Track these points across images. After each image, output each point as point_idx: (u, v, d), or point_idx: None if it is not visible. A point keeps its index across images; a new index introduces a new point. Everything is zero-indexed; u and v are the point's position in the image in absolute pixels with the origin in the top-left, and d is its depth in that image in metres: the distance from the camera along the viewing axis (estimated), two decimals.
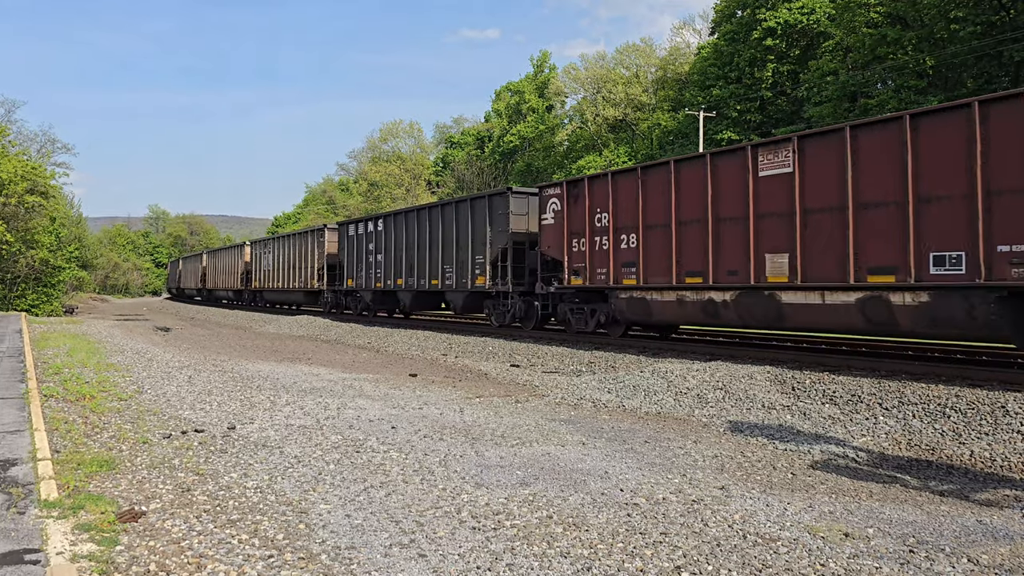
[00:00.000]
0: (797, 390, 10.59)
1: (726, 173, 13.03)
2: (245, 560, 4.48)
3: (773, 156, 12.20)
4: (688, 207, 13.76)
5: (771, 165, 12.20)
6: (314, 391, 11.66)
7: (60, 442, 7.31)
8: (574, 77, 63.89)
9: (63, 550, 4.39)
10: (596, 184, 16.17)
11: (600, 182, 16.08)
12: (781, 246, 12.02)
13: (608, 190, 15.65)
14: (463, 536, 5.00)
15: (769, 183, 12.23)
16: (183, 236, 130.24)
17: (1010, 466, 7.50)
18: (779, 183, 12.05)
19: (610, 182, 15.71)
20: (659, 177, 14.50)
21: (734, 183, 12.83)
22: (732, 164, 12.94)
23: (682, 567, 4.54)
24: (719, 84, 45.52)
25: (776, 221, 12.10)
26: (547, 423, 9.30)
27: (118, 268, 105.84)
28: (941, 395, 9.23)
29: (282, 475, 6.44)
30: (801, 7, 41.90)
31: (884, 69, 34.06)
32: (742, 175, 12.64)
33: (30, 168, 36.98)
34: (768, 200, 12.22)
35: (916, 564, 4.67)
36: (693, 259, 13.65)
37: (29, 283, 38.68)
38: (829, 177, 11.32)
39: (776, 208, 12.07)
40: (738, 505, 5.87)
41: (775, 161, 12.15)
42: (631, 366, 13.85)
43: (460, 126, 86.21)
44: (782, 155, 12.04)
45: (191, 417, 9.05)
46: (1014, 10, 30.41)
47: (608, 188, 15.67)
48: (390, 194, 74.05)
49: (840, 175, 11.14)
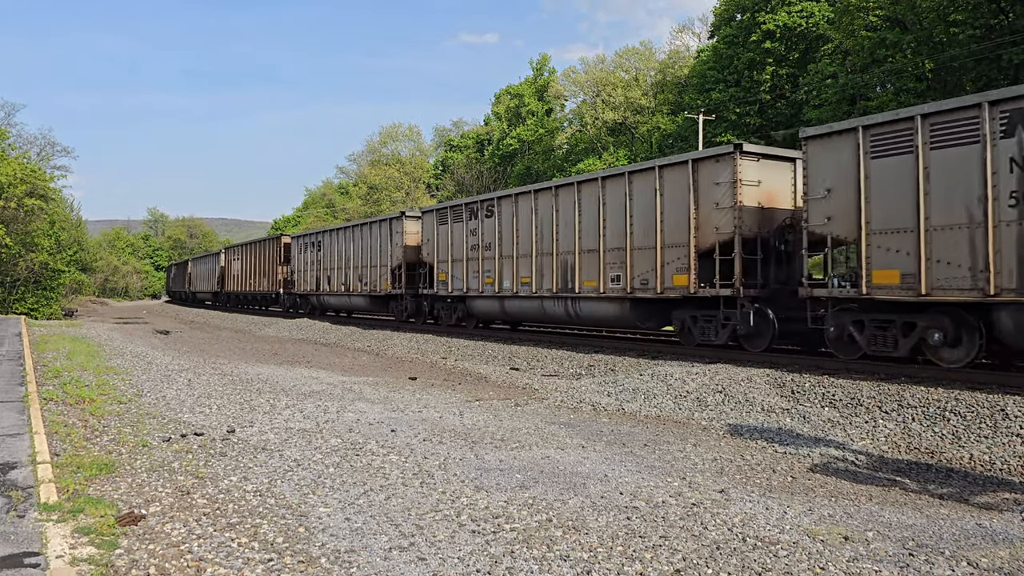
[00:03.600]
0: (796, 393, 10.59)
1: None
2: (245, 563, 4.48)
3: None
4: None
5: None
6: (314, 394, 11.66)
7: (60, 445, 7.31)
8: (574, 80, 63.98)
9: (63, 553, 4.39)
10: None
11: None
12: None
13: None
14: (463, 539, 5.00)
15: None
16: (182, 239, 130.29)
17: (1009, 469, 7.50)
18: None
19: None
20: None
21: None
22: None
23: (682, 570, 4.54)
24: (718, 87, 45.57)
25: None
26: (546, 426, 9.29)
27: (117, 271, 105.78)
28: (940, 398, 9.23)
29: (282, 478, 6.44)
30: (800, 10, 41.98)
31: (883, 72, 34.11)
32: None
33: (29, 171, 36.97)
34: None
35: (916, 567, 4.67)
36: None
37: (28, 286, 38.68)
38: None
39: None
40: (738, 508, 5.87)
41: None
42: (630, 369, 13.85)
43: (460, 129, 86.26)
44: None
45: (191, 420, 9.05)
46: (1013, 13, 30.47)
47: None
48: (389, 197, 74.09)
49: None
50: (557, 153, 63.69)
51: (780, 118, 43.51)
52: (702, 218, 13.93)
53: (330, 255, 31.36)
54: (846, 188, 11.27)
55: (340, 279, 30.29)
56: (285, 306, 37.53)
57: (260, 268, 40.84)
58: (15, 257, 36.51)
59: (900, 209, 10.59)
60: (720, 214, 13.53)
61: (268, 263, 39.52)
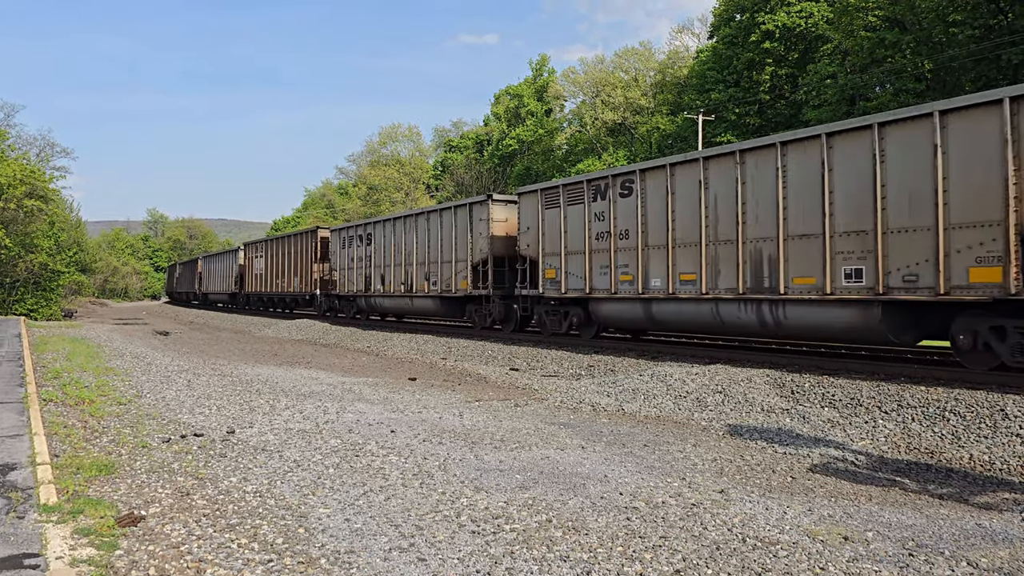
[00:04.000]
0: (796, 393, 10.60)
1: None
2: (244, 564, 4.48)
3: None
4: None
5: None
6: (313, 395, 11.66)
7: (59, 446, 7.31)
8: (573, 81, 64.03)
9: (62, 554, 4.39)
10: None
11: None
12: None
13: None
14: (462, 540, 5.00)
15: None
16: (182, 240, 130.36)
17: (1009, 469, 7.50)
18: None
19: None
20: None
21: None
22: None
23: (681, 571, 4.54)
24: (718, 87, 45.60)
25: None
26: (546, 427, 9.30)
27: (117, 272, 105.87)
28: (940, 398, 9.24)
29: (281, 479, 6.44)
30: (799, 11, 42.00)
31: (882, 72, 34.13)
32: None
33: (29, 172, 36.99)
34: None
35: (915, 567, 4.67)
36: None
37: (28, 287, 38.69)
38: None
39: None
40: (737, 508, 5.88)
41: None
42: (630, 369, 13.85)
43: (459, 130, 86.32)
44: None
45: (190, 421, 9.05)
46: (1012, 13, 30.49)
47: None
48: (389, 198, 74.13)
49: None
50: (556, 154, 63.72)
51: (780, 118, 43.54)
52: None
53: (384, 250, 26.70)
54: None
55: (398, 278, 25.57)
56: (321, 309, 33.02)
57: (290, 266, 36.38)
58: (15, 258, 36.53)
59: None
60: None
61: (300, 260, 35.05)
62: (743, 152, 13.19)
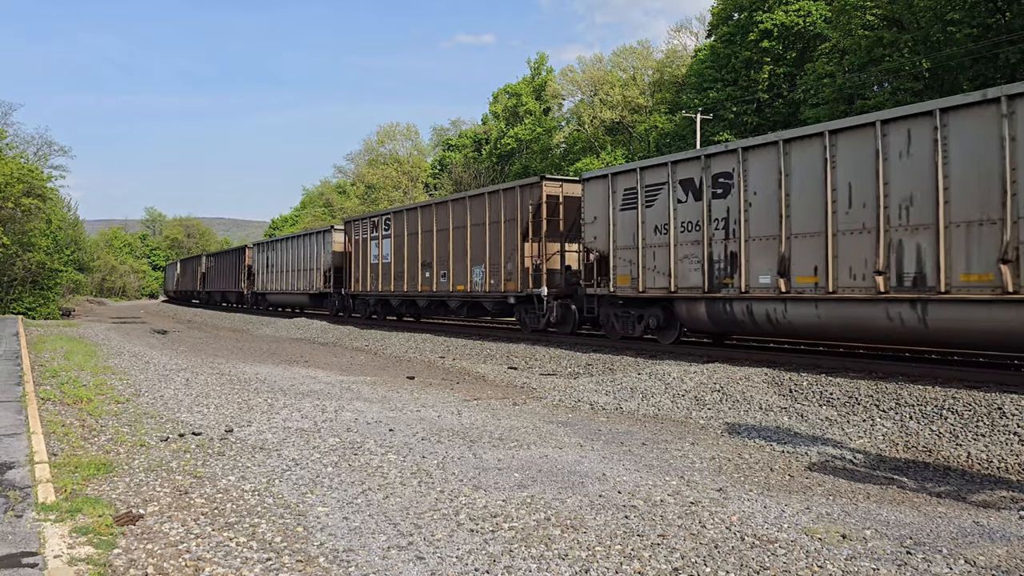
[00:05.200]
0: (794, 392, 10.61)
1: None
2: (243, 563, 4.48)
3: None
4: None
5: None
6: (312, 394, 11.65)
7: (57, 445, 7.30)
8: (571, 80, 63.98)
9: (60, 553, 4.39)
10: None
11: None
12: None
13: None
14: (461, 538, 5.00)
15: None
16: (180, 239, 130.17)
17: (1006, 467, 7.52)
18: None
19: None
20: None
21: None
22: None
23: (680, 569, 4.55)
24: (716, 86, 45.58)
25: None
26: (545, 425, 9.30)
27: (115, 271, 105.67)
28: (938, 397, 9.25)
29: (280, 478, 6.44)
30: (797, 10, 42.01)
31: (880, 71, 34.15)
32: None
33: (27, 171, 36.91)
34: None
35: (913, 565, 4.68)
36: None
37: (26, 286, 38.60)
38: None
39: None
40: (735, 507, 5.88)
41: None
42: (628, 368, 13.86)
43: (457, 128, 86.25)
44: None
45: (188, 420, 9.04)
46: (1010, 12, 30.52)
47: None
48: (387, 196, 74.11)
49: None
50: (555, 152, 63.70)
51: (778, 117, 43.55)
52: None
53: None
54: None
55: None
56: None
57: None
58: (12, 257, 36.45)
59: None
60: None
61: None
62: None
